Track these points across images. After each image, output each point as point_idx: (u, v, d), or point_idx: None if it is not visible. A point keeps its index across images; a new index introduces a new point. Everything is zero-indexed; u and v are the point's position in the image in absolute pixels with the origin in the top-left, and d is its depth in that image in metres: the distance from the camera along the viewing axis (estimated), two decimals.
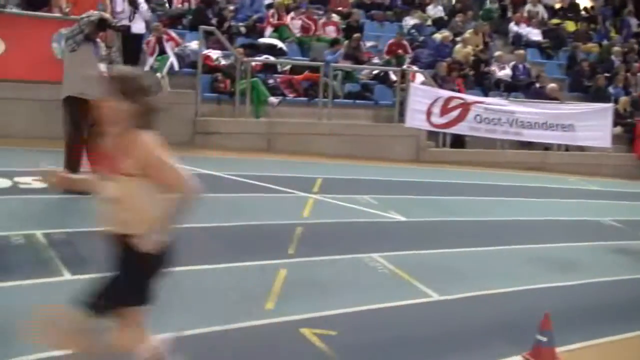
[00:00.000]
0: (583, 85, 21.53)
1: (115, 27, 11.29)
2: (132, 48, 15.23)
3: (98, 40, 10.49)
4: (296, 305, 6.95)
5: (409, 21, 22.78)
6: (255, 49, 18.20)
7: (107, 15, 11.04)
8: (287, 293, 7.25)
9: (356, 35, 19.65)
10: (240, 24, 19.76)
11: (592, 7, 29.47)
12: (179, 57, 16.57)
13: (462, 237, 10.46)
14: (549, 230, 11.72)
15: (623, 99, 20.30)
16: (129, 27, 14.78)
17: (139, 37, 15.74)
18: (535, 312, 6.26)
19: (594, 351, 6.88)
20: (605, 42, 24.67)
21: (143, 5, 15.67)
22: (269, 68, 17.84)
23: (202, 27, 16.37)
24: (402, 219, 11.02)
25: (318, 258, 8.57)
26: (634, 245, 11.14)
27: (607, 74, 21.78)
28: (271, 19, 19.95)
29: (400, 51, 20.22)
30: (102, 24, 10.34)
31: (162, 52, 16.18)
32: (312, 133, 16.17)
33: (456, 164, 16.87)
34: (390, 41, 20.71)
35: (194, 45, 17.05)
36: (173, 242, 4.52)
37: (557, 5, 27.99)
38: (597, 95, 20.55)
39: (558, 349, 6.14)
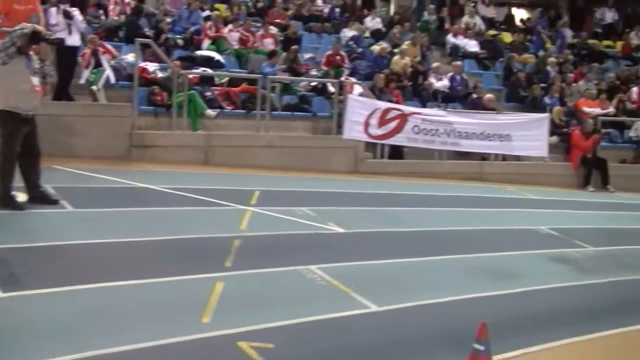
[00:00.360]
0: (519, 96, 21.75)
1: (49, 40, 11.04)
2: (66, 61, 15.04)
3: (31, 53, 10.31)
4: (233, 318, 6.87)
5: (347, 33, 22.84)
6: (192, 62, 18.13)
7: (40, 27, 10.82)
8: (224, 306, 7.17)
9: (294, 47, 19.68)
10: (177, 36, 19.68)
11: (528, 19, 29.91)
12: (115, 69, 16.44)
13: (400, 248, 10.45)
14: (487, 239, 11.77)
15: (557, 108, 20.52)
16: (63, 40, 14.49)
17: (74, 50, 15.44)
18: (473, 321, 6.24)
19: (530, 359, 6.90)
20: (541, 53, 24.97)
21: (78, 17, 15.38)
22: (206, 80, 17.76)
23: (138, 40, 16.22)
24: (341, 230, 10.99)
25: (255, 270, 8.49)
26: (570, 253, 11.23)
27: (542, 85, 22.02)
28: (208, 31, 19.84)
29: (338, 57, 20.25)
30: (35, 37, 10.14)
31: (98, 64, 16.00)
32: (249, 145, 16.09)
33: (394, 175, 16.87)
34: (328, 52, 20.74)
35: (130, 57, 16.92)
36: None
37: (491, 15, 28.32)
38: (533, 106, 20.77)
39: (494, 357, 6.14)
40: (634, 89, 23.26)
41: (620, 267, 10.77)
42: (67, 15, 15.10)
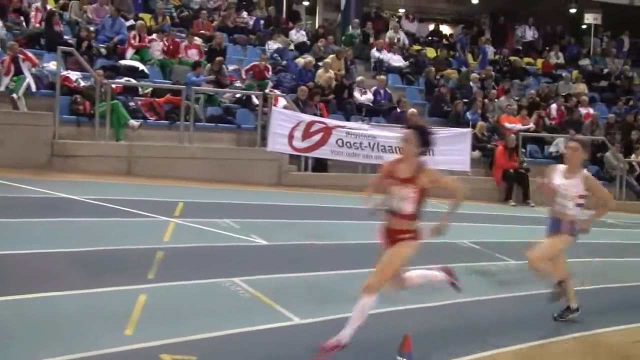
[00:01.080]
0: (442, 111, 22.00)
1: None
2: None
3: None
4: (156, 330, 6.81)
5: (272, 45, 22.85)
6: (115, 71, 17.94)
7: None
8: (147, 318, 7.10)
9: (218, 58, 19.59)
10: (101, 45, 19.44)
11: (451, 35, 30.27)
12: (36, 77, 16.19)
13: (323, 260, 10.49)
14: None
15: (480, 123, 20.83)
16: None
17: None
18: (396, 334, 6.30)
19: None
20: (463, 69, 25.31)
21: None
22: (130, 90, 17.62)
23: (60, 48, 16.00)
24: (264, 242, 10.98)
25: (178, 283, 8.44)
26: (491, 267, 11.38)
27: (465, 100, 22.32)
28: (132, 41, 19.67)
29: (263, 69, 20.26)
30: None
31: (19, 72, 15.74)
32: (173, 157, 16.01)
33: (318, 188, 16.94)
34: (254, 63, 20.72)
35: (51, 65, 16.70)
36: None
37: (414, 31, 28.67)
38: (456, 120, 21.04)
39: None
40: (553, 106, 23.78)
41: (539, 280, 10.92)
42: None
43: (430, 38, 29.60)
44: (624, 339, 8.30)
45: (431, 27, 30.99)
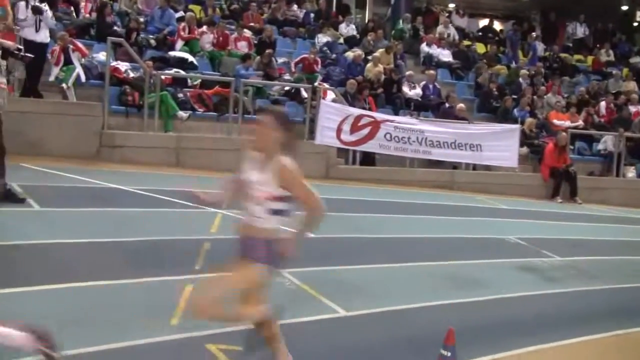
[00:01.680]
0: (491, 106, 21.87)
1: (16, 55, 10.64)
2: (35, 57, 14.87)
3: None
4: (202, 321, 6.82)
5: (322, 38, 22.87)
6: (165, 62, 18.04)
7: (8, 43, 10.52)
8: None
9: (268, 51, 19.65)
10: (150, 36, 19.56)
11: (501, 31, 30.05)
12: (86, 68, 16.33)
13: (370, 254, 10.49)
14: (455, 247, 11.82)
15: (529, 120, 20.68)
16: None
17: (43, 46, 15.27)
18: (440, 328, 6.26)
19: None
20: (513, 65, 25.11)
21: (47, 13, 15.19)
22: (179, 82, 17.71)
23: (110, 38, 16.12)
24: (311, 235, 10.96)
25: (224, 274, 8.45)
26: (537, 263, 11.30)
27: (514, 96, 22.17)
28: (182, 33, 19.77)
29: (313, 62, 20.29)
30: (2, 53, 9.99)
31: (68, 62, 15.87)
32: (221, 148, 16.01)
33: (366, 182, 16.93)
34: (303, 56, 20.76)
35: (101, 56, 16.83)
36: None
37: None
38: (504, 117, 20.91)
39: None
40: (602, 104, 23.52)
41: (585, 277, 10.85)
42: (37, 11, 14.90)
43: (480, 34, 29.42)
44: None
45: (482, 22, 30.78)
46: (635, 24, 31.65)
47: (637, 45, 31.47)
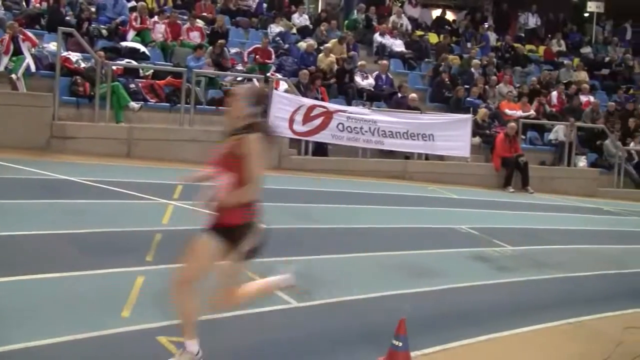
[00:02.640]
0: (443, 96, 21.97)
1: None
2: None
3: None
4: (153, 312, 6.81)
5: (274, 29, 22.79)
6: (116, 53, 17.91)
7: None
8: (144, 301, 7.11)
9: (220, 41, 19.56)
10: (102, 26, 19.40)
11: (454, 21, 30.18)
12: (36, 58, 16.17)
13: (323, 244, 10.52)
14: (407, 237, 11.90)
15: (482, 110, 20.81)
16: None
17: None
18: (393, 318, 6.30)
19: (448, 355, 6.98)
20: (465, 55, 25.25)
21: None
22: (131, 72, 17.59)
23: (61, 28, 15.95)
24: (261, 226, 10.95)
25: (176, 265, 8.42)
26: (489, 252, 11.40)
27: (466, 86, 22.29)
28: (134, 23, 19.63)
29: (266, 52, 20.26)
30: None
31: (18, 52, 15.69)
32: (173, 139, 15.97)
33: (318, 172, 16.93)
34: (256, 46, 20.73)
35: (52, 46, 16.66)
36: None
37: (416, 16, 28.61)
38: (457, 106, 21.02)
39: (413, 353, 6.20)
40: (554, 93, 23.75)
41: (536, 266, 10.97)
42: None
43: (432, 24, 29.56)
44: (617, 325, 8.33)
45: (434, 13, 30.86)
46: (586, 14, 31.96)
47: (588, 35, 31.83)
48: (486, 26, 28.46)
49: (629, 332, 7.99)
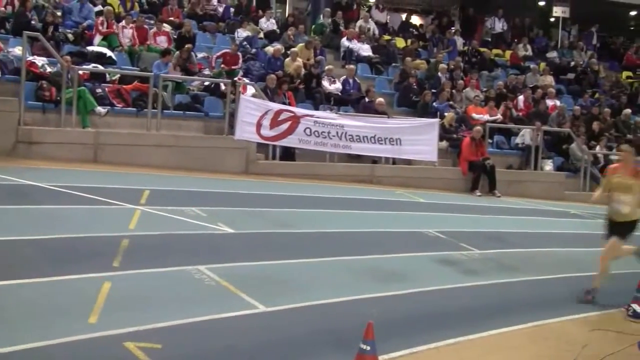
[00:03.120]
0: (411, 101, 22.04)
1: None
2: None
3: None
4: (120, 318, 6.79)
5: (241, 33, 22.76)
6: (83, 57, 17.81)
7: None
8: (111, 306, 7.08)
9: (187, 46, 19.50)
10: (68, 30, 19.29)
11: (421, 25, 30.31)
12: (1, 63, 16.05)
13: (290, 249, 10.50)
14: (375, 241, 11.92)
15: (449, 114, 20.90)
16: None
17: None
18: (361, 322, 6.31)
19: (415, 359, 7.01)
20: (432, 60, 25.34)
21: None
22: (97, 77, 17.47)
23: (26, 33, 15.84)
24: (230, 230, 10.97)
25: (143, 271, 8.41)
26: (456, 256, 11.45)
27: (433, 90, 22.37)
28: (100, 27, 19.53)
29: (234, 56, 20.23)
30: None
31: None
32: (140, 144, 15.91)
33: (286, 177, 16.94)
34: (224, 51, 20.69)
35: (17, 51, 16.54)
36: None
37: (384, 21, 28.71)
38: (424, 111, 21.10)
39: (381, 357, 6.21)
40: (521, 97, 23.92)
41: (503, 269, 11.04)
42: None
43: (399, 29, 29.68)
44: (583, 327, 8.40)
45: (402, 17, 30.95)
46: (552, 19, 32.23)
47: (553, 40, 32.12)
48: (453, 31, 28.60)
49: (594, 334, 8.06)
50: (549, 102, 24.18)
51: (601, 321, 8.79)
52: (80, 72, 16.33)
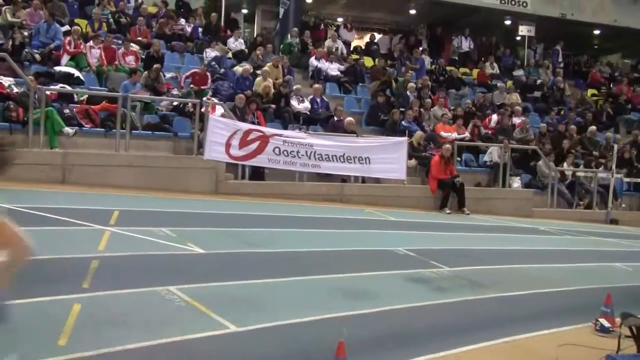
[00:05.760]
0: (379, 120, 22.14)
1: None
2: None
3: None
4: (90, 341, 6.74)
5: (210, 53, 22.79)
6: (50, 77, 17.75)
7: None
8: (81, 328, 7.03)
9: (156, 65, 19.49)
10: (35, 50, 19.21)
11: (388, 49, 30.51)
12: None
13: (260, 269, 10.49)
14: (346, 260, 11.93)
15: (418, 133, 21.03)
16: None
17: None
18: (331, 341, 6.33)
19: None
20: (401, 79, 25.49)
21: None
22: (65, 97, 17.43)
23: None
24: (201, 250, 10.95)
25: (113, 292, 8.37)
26: (426, 274, 11.47)
27: (402, 109, 22.49)
28: (68, 47, 19.48)
29: (203, 76, 20.22)
30: None
31: None
32: (109, 165, 15.87)
33: (255, 196, 16.95)
34: (194, 70, 20.70)
35: None
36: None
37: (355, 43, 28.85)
38: (393, 129, 21.20)
39: None
40: (494, 116, 24.04)
41: (473, 287, 11.07)
42: None
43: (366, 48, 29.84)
44: (551, 343, 8.44)
45: (369, 37, 31.13)
46: (518, 38, 32.55)
47: (520, 58, 32.43)
48: (420, 50, 28.79)
49: (563, 349, 8.11)
50: (516, 120, 24.40)
51: (570, 336, 8.83)
52: (48, 92, 16.27)
